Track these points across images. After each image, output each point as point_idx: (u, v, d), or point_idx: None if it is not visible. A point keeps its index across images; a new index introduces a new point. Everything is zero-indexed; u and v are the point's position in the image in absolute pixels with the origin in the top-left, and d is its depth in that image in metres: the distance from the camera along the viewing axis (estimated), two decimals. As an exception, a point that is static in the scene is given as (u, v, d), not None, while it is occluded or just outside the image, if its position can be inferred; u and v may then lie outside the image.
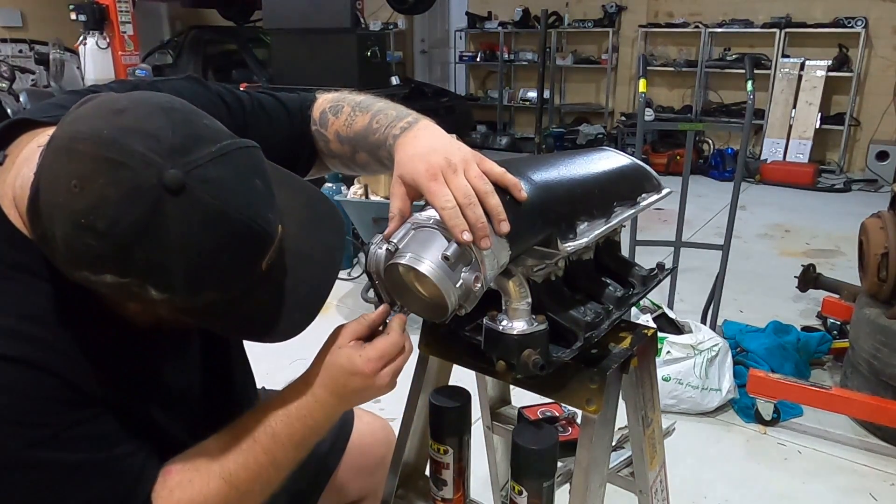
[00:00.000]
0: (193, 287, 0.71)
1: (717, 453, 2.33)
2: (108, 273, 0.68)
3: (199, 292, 0.72)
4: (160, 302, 0.71)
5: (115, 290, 0.71)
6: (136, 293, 0.70)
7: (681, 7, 7.51)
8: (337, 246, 0.92)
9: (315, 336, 0.97)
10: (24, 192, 0.73)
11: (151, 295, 0.70)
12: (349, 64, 4.12)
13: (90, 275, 0.69)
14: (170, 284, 0.70)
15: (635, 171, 1.16)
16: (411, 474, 1.28)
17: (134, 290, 0.70)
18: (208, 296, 0.74)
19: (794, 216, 5.35)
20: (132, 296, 0.71)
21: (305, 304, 0.89)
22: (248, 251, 0.74)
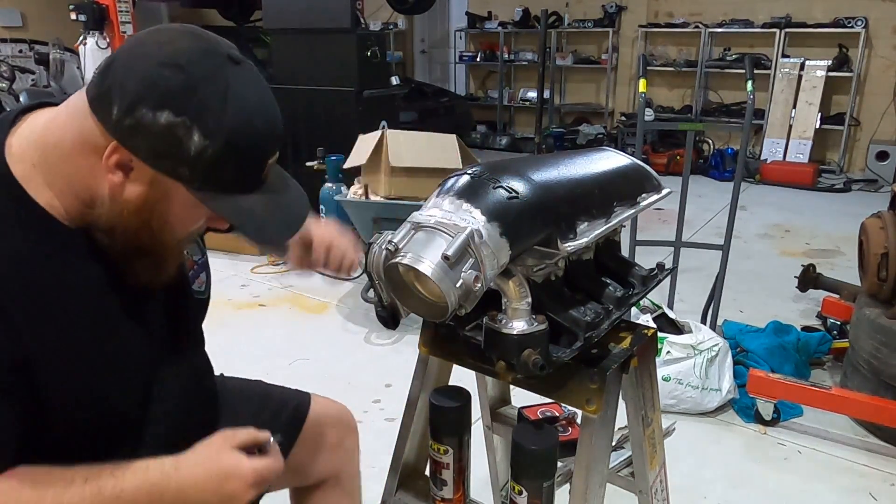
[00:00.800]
0: (227, 146, 0.83)
1: (717, 453, 2.33)
2: (168, 109, 0.79)
3: (227, 155, 0.83)
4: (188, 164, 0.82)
5: (159, 139, 0.80)
6: (180, 138, 0.80)
7: (681, 7, 7.51)
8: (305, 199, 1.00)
9: (315, 336, 0.97)
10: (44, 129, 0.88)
11: (192, 142, 0.81)
12: (349, 64, 4.12)
13: (149, 112, 0.79)
14: (212, 131, 0.81)
15: (635, 171, 1.16)
16: (411, 474, 1.28)
17: (179, 134, 0.80)
18: (229, 166, 0.84)
19: (794, 216, 5.35)
20: (171, 150, 0.81)
21: (288, 221, 0.96)
22: (269, 136, 0.88)
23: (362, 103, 4.10)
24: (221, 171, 0.84)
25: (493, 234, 0.83)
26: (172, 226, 0.90)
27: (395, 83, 4.65)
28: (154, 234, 0.89)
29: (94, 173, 0.85)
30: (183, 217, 0.90)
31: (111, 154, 0.82)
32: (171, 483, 0.89)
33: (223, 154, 0.83)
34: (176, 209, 0.88)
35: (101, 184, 0.85)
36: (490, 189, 0.87)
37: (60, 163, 0.86)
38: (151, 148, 0.81)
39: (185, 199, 0.86)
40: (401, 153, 3.18)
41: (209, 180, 0.84)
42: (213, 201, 0.86)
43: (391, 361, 2.97)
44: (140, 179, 0.84)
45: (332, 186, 3.83)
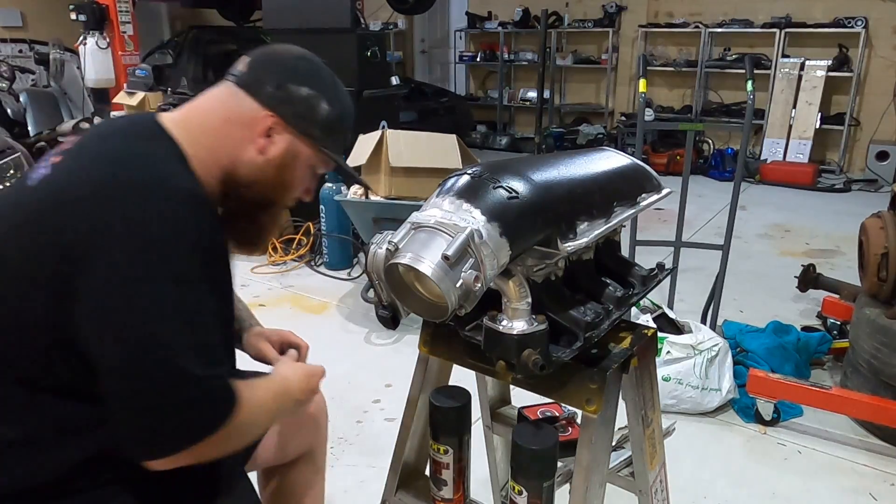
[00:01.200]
0: (342, 114, 1.17)
1: (717, 453, 2.33)
2: (307, 86, 1.12)
3: (340, 121, 1.17)
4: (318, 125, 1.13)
5: (301, 106, 1.11)
6: (314, 106, 1.12)
7: (681, 7, 7.51)
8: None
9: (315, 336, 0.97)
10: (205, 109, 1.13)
11: (322, 108, 1.13)
12: (349, 64, 4.11)
13: (295, 87, 1.11)
14: (333, 103, 1.14)
15: (635, 171, 1.16)
16: (411, 474, 1.28)
17: (313, 103, 1.12)
18: (339, 130, 1.18)
19: (794, 216, 5.35)
20: (308, 114, 1.12)
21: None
22: (353, 117, 1.21)
23: (362, 103, 4.10)
24: (336, 133, 1.17)
25: (493, 234, 0.83)
26: (296, 184, 1.17)
27: (395, 83, 4.64)
28: (283, 189, 1.16)
29: (242, 141, 1.10)
30: (302, 176, 1.17)
31: (264, 120, 1.09)
32: (287, 382, 1.17)
33: (339, 119, 1.16)
34: (301, 167, 1.15)
35: (245, 148, 1.10)
36: (490, 189, 0.87)
37: (207, 135, 1.09)
38: (295, 113, 1.11)
39: (309, 158, 1.15)
40: (401, 153, 3.18)
41: (328, 139, 1.15)
42: (335, 157, 1.17)
43: (391, 361, 2.97)
44: (281, 140, 1.11)
45: (332, 186, 3.83)
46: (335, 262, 4.09)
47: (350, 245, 4.07)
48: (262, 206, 1.16)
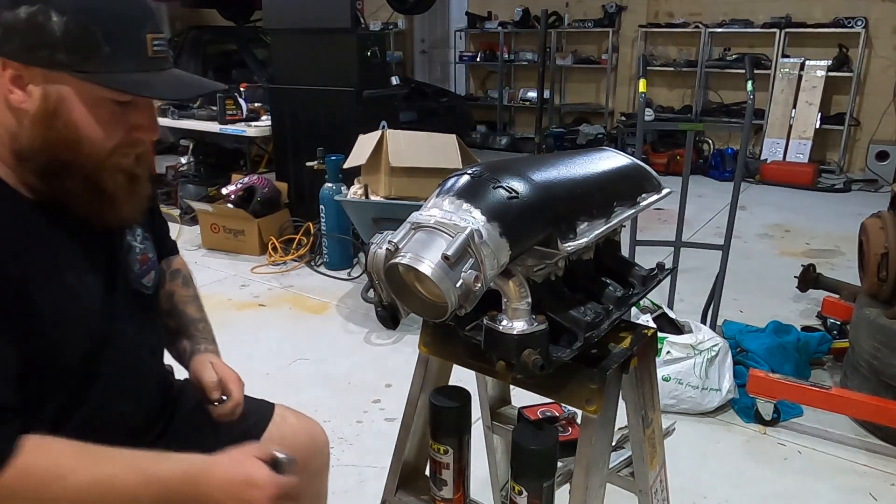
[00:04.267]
0: (84, 13, 0.87)
1: (717, 453, 2.33)
2: (22, 4, 0.85)
3: (89, 23, 0.87)
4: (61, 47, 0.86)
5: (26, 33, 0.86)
6: (42, 24, 0.85)
7: (681, 7, 7.51)
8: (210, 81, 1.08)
9: (315, 336, 0.97)
10: None
11: (53, 22, 0.85)
12: (349, 64, 4.11)
13: (8, 13, 0.85)
14: (63, 6, 0.86)
15: (635, 171, 1.16)
16: (411, 474, 1.28)
17: (40, 21, 0.85)
18: (98, 36, 0.88)
19: (794, 216, 5.35)
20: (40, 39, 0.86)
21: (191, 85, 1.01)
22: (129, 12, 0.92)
23: (362, 103, 4.10)
24: (94, 45, 0.88)
25: (493, 234, 0.83)
26: (86, 131, 0.92)
27: (395, 83, 4.64)
28: (71, 144, 0.92)
29: (3, 106, 0.91)
30: (91, 118, 0.92)
31: (2, 71, 0.88)
32: (202, 477, 0.92)
33: (87, 24, 0.87)
34: (79, 109, 0.91)
35: (11, 114, 0.91)
36: (490, 189, 0.87)
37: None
38: (24, 44, 0.87)
39: (81, 93, 0.90)
40: (401, 153, 3.18)
41: (88, 58, 0.88)
42: (102, 79, 0.89)
43: (391, 361, 2.96)
44: (35, 87, 0.89)
45: (332, 186, 3.83)
46: (335, 262, 4.09)
47: (350, 245, 4.07)
48: (62, 173, 0.93)
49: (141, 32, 0.93)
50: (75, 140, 0.91)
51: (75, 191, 0.95)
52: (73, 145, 0.92)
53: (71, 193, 0.95)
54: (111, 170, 0.96)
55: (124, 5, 0.92)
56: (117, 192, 0.98)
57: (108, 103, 0.92)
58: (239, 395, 1.19)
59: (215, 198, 4.63)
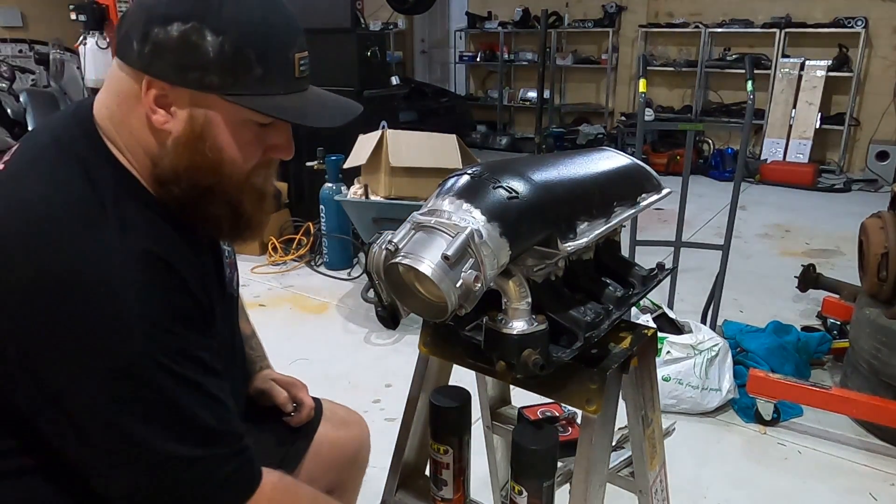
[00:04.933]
0: (242, 36, 0.83)
1: (717, 453, 2.33)
2: (176, 21, 0.81)
3: (245, 46, 0.83)
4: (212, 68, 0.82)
5: (178, 52, 0.82)
6: (196, 43, 0.81)
7: (681, 7, 7.50)
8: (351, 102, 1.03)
9: (315, 336, 0.97)
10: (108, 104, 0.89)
11: (207, 42, 0.82)
12: (349, 64, 4.11)
13: (160, 30, 0.82)
14: (221, 26, 0.82)
15: (635, 171, 1.16)
16: (411, 474, 1.28)
17: (194, 40, 0.81)
18: (251, 59, 0.84)
19: (794, 216, 5.35)
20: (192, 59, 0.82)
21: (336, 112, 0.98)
22: (283, 25, 0.88)
23: (362, 103, 4.08)
24: (246, 66, 0.84)
25: (493, 234, 0.83)
26: (229, 153, 0.88)
27: (395, 83, 4.65)
28: (214, 167, 0.88)
29: (144, 126, 0.86)
30: (235, 141, 0.88)
31: (147, 90, 0.84)
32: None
33: (240, 47, 0.83)
34: (224, 131, 0.87)
35: (152, 134, 0.87)
36: (490, 189, 0.87)
37: (120, 133, 0.88)
38: (174, 64, 0.82)
39: (228, 116, 0.86)
40: (401, 153, 3.18)
41: (239, 81, 0.84)
42: (253, 102, 0.86)
43: (391, 361, 2.96)
44: (180, 109, 0.85)
45: (332, 186, 3.83)
46: (335, 262, 4.09)
47: (350, 245, 4.07)
48: (205, 198, 0.89)
49: (290, 52, 0.89)
50: (219, 163, 0.88)
51: (218, 215, 0.92)
52: (216, 168, 0.88)
53: (213, 218, 0.92)
54: (249, 192, 0.93)
55: (278, 24, 0.87)
56: (254, 214, 0.96)
57: (251, 125, 0.89)
58: (309, 401, 1.28)
59: (215, 198, 4.63)
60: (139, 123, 0.87)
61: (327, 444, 1.32)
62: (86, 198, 0.83)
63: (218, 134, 0.87)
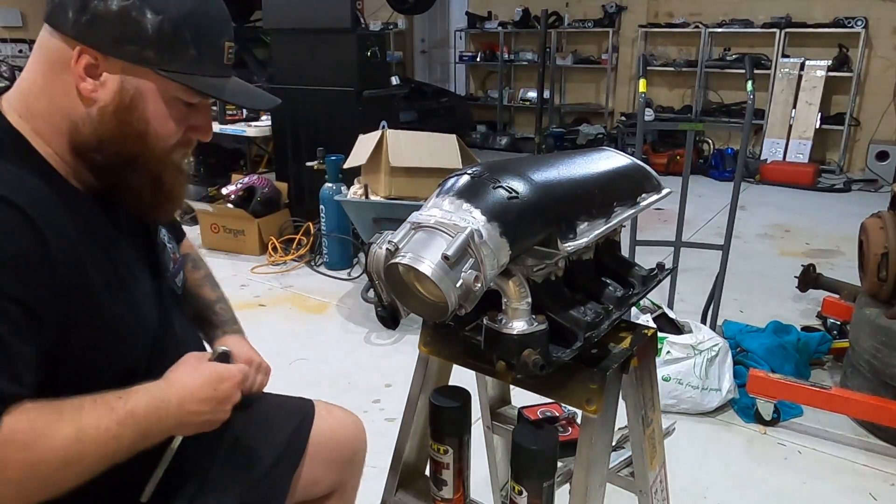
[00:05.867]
0: (181, 17, 0.88)
1: (717, 453, 2.33)
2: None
3: (183, 28, 0.88)
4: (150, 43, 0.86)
5: (117, 25, 0.85)
6: (136, 19, 0.85)
7: (681, 7, 7.51)
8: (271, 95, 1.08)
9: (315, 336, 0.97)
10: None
11: (147, 20, 0.86)
12: (349, 64, 4.11)
13: (100, 2, 0.84)
14: (162, 6, 0.86)
15: (635, 171, 1.16)
16: (411, 474, 1.28)
17: (134, 16, 0.85)
18: (187, 40, 0.89)
19: (794, 216, 5.35)
20: (131, 33, 0.85)
21: (263, 97, 1.07)
22: (217, 12, 0.95)
23: (362, 103, 4.10)
24: (182, 46, 0.89)
25: (493, 234, 0.83)
26: (154, 126, 0.92)
27: (395, 83, 4.65)
28: (140, 138, 0.91)
29: (69, 93, 0.88)
30: (162, 115, 0.92)
31: (78, 59, 0.86)
32: (171, 396, 0.92)
33: (178, 26, 0.88)
34: (153, 104, 0.91)
35: (78, 102, 0.88)
36: (490, 189, 0.87)
37: (39, 100, 0.89)
38: (112, 36, 0.86)
39: (158, 89, 0.90)
40: (401, 153, 3.18)
41: (174, 58, 0.89)
42: (185, 80, 0.90)
43: (391, 361, 2.96)
44: (111, 78, 0.88)
45: (332, 186, 3.83)
46: (335, 262, 4.09)
47: (350, 245, 4.07)
48: (126, 167, 0.92)
49: (222, 38, 0.95)
50: (144, 134, 0.91)
51: (138, 185, 0.94)
52: (142, 139, 0.91)
53: (132, 188, 0.94)
54: (170, 166, 0.97)
55: (213, 10, 0.94)
56: (174, 188, 0.99)
57: (179, 103, 0.93)
58: (262, 363, 1.21)
59: (215, 198, 4.63)
60: (63, 90, 0.88)
61: (325, 444, 1.31)
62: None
63: (147, 106, 0.90)
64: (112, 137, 0.89)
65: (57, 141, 0.90)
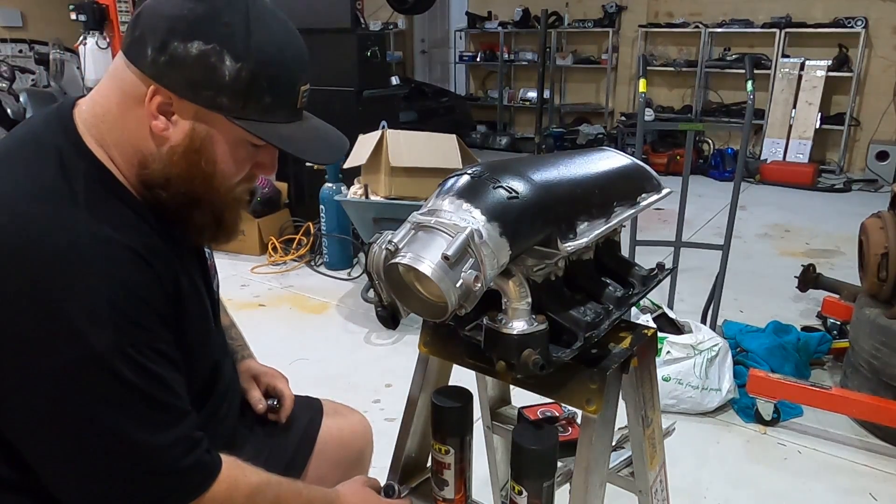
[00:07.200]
0: (259, 66, 0.86)
1: (717, 453, 2.33)
2: (198, 39, 0.83)
3: (261, 76, 0.86)
4: (225, 90, 0.85)
5: (194, 69, 0.84)
6: (214, 65, 0.84)
7: (681, 7, 7.51)
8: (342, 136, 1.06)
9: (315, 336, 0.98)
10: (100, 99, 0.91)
11: (225, 66, 0.84)
12: (349, 64, 4.12)
13: (180, 44, 0.83)
14: (242, 54, 0.84)
15: (635, 171, 1.16)
16: (411, 474, 1.28)
17: (212, 61, 0.84)
18: (264, 88, 0.87)
19: (794, 216, 5.35)
20: (207, 79, 0.84)
21: (331, 147, 1.02)
22: (297, 59, 0.92)
23: (362, 103, 4.10)
24: (258, 94, 0.87)
25: (493, 234, 0.83)
26: (221, 168, 0.92)
27: (395, 83, 4.65)
28: (206, 179, 0.91)
29: (142, 128, 0.87)
30: (230, 157, 0.92)
31: (152, 97, 0.85)
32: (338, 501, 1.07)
33: (256, 75, 0.86)
34: (222, 148, 0.90)
35: (149, 138, 0.88)
36: (490, 189, 0.87)
37: (112, 130, 0.89)
38: (188, 80, 0.84)
39: (229, 134, 0.89)
40: (401, 153, 3.18)
41: (248, 106, 0.87)
42: (257, 129, 0.89)
43: (391, 361, 2.97)
44: (183, 119, 0.87)
45: (332, 186, 3.83)
46: (335, 262, 4.09)
47: (350, 245, 4.07)
48: (191, 205, 0.92)
49: (298, 84, 0.92)
50: (211, 176, 0.91)
51: (201, 222, 0.95)
52: (208, 180, 0.91)
53: (195, 225, 0.95)
54: (232, 202, 0.97)
55: (293, 57, 0.91)
56: (234, 222, 0.99)
57: (246, 144, 0.92)
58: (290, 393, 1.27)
59: (215, 198, 4.63)
60: (136, 124, 0.88)
61: (332, 443, 1.32)
62: (57, 185, 0.84)
63: (216, 150, 0.90)
64: (179, 176, 0.89)
65: (129, 172, 0.90)
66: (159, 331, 0.85)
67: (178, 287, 0.90)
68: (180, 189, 0.90)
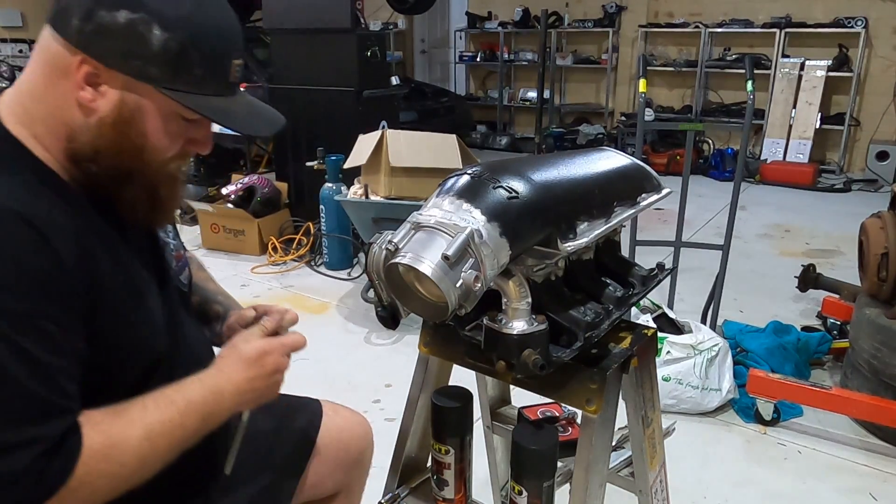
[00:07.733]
0: (189, 37, 0.85)
1: (717, 453, 2.33)
2: (125, 8, 0.82)
3: (191, 47, 0.85)
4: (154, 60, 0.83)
5: (122, 39, 0.82)
6: (142, 34, 0.82)
7: (681, 7, 7.50)
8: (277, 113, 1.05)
9: (315, 336, 0.97)
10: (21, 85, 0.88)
11: (154, 35, 0.83)
12: (349, 64, 4.11)
13: (107, 13, 0.81)
14: (172, 23, 0.83)
15: (635, 171, 1.16)
16: (411, 474, 1.28)
17: (140, 31, 0.82)
18: (195, 59, 0.86)
19: (794, 216, 5.35)
20: (135, 48, 0.83)
21: (268, 120, 1.01)
22: (229, 31, 0.91)
23: (362, 103, 4.10)
24: (188, 65, 0.86)
25: (493, 234, 0.83)
26: (153, 141, 0.89)
27: (395, 83, 4.64)
28: (137, 152, 0.89)
29: (68, 100, 0.85)
30: (162, 130, 0.89)
31: (79, 67, 0.83)
32: (222, 382, 0.95)
33: (186, 45, 0.85)
34: (153, 120, 0.88)
35: (76, 110, 0.86)
36: (490, 189, 0.87)
37: (38, 104, 0.87)
38: (115, 49, 0.83)
39: (159, 106, 0.88)
40: (401, 153, 3.18)
41: (178, 77, 0.86)
42: (188, 100, 0.88)
43: (391, 361, 2.97)
44: (112, 90, 0.85)
45: (332, 186, 3.83)
46: (335, 262, 4.09)
47: (350, 245, 4.07)
48: (122, 179, 0.90)
49: (230, 58, 0.92)
50: (141, 149, 0.89)
51: (133, 198, 0.92)
52: (138, 154, 0.89)
53: (127, 200, 0.92)
54: (165, 178, 0.95)
55: (223, 28, 0.90)
56: (169, 199, 0.97)
57: (178, 118, 0.91)
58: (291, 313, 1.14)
59: (215, 198, 4.63)
60: (62, 97, 0.86)
61: (332, 444, 1.31)
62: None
63: (146, 121, 0.88)
64: (108, 149, 0.87)
65: (56, 147, 0.87)
66: (46, 308, 0.79)
67: (91, 266, 0.85)
68: (110, 162, 0.87)
